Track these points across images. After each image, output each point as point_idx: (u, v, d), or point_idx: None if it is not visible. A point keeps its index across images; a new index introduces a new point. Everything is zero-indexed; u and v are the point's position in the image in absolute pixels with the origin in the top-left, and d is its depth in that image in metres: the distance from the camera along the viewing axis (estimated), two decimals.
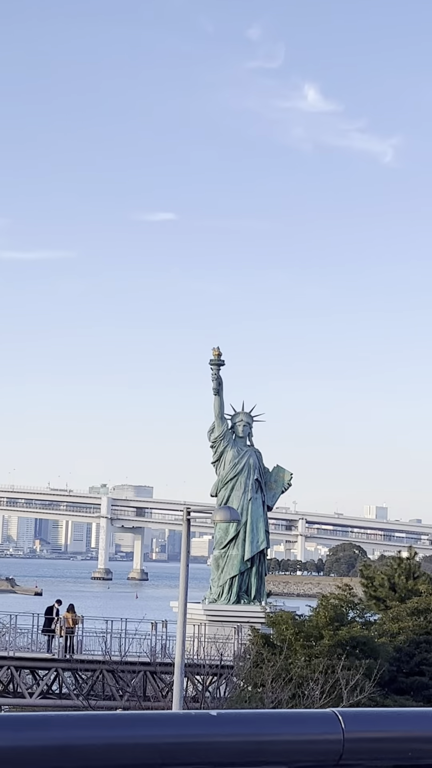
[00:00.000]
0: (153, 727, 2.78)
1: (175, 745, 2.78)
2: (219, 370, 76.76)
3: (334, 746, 2.79)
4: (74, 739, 2.63)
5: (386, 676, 56.46)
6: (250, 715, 2.93)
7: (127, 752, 2.68)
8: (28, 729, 2.59)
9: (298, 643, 56.61)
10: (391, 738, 3.02)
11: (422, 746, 3.15)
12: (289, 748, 2.86)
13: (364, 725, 2.91)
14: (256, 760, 3.01)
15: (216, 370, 76.73)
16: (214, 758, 2.86)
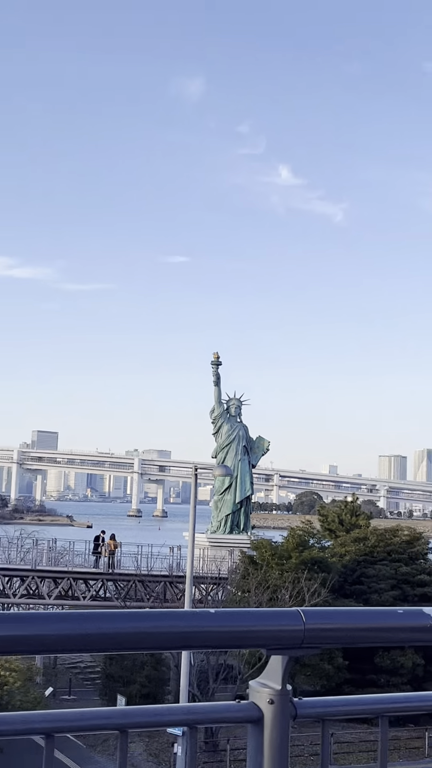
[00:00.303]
0: (171, 620, 2.91)
1: (186, 633, 2.90)
2: (217, 368, 77.02)
3: (298, 634, 2.92)
4: (117, 629, 2.75)
5: (336, 585, 56.53)
6: (238, 612, 3.03)
7: (154, 638, 2.81)
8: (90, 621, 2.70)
9: (273, 562, 56.71)
10: (337, 628, 3.15)
11: (359, 633, 3.27)
12: (267, 635, 2.99)
13: (319, 619, 3.03)
14: (243, 643, 3.14)
15: (215, 368, 77.03)
16: (214, 642, 2.99)
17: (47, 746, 2.78)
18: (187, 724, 2.99)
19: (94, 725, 2.97)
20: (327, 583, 54.66)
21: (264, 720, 2.92)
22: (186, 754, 4.80)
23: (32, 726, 2.82)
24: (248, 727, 2.96)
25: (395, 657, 53.85)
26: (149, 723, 2.96)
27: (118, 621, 2.76)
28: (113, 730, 2.87)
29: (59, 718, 2.80)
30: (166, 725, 2.99)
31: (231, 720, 3.00)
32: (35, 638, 2.59)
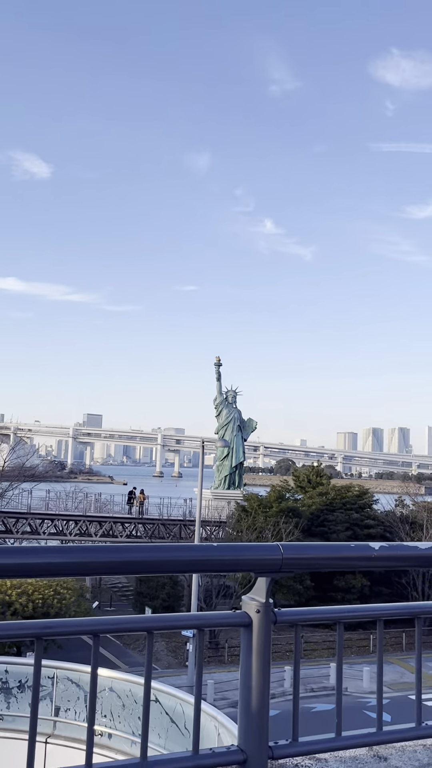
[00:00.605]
0: (184, 551, 2.91)
1: (195, 560, 2.90)
2: (219, 368, 77.03)
3: (277, 562, 2.91)
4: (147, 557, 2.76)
5: (305, 527, 56.54)
6: (234, 545, 3.02)
7: (172, 564, 2.81)
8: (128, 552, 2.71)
9: (259, 510, 56.61)
10: (306, 557, 3.15)
11: (322, 562, 3.27)
12: (255, 562, 2.98)
13: (293, 551, 3.03)
14: (237, 568, 3.12)
15: (217, 368, 77.06)
16: (216, 567, 2.99)
17: (94, 643, 2.80)
18: (196, 627, 3.00)
19: (129, 627, 2.98)
20: (299, 525, 54.70)
21: (252, 625, 2.94)
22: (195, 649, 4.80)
23: (83, 628, 2.83)
24: (241, 630, 2.98)
25: (348, 580, 53.86)
26: (169, 626, 2.98)
27: (147, 551, 2.79)
28: (142, 631, 2.88)
29: (103, 623, 2.82)
30: (181, 628, 2.99)
31: (228, 624, 3.02)
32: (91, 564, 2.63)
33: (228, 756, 2.90)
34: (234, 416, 76.48)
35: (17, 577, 2.55)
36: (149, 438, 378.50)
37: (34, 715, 2.70)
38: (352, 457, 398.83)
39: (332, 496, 62.21)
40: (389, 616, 3.50)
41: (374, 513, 63.21)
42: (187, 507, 66.98)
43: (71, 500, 66.49)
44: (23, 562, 2.52)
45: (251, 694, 2.89)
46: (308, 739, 3.13)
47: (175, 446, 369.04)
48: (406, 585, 53.44)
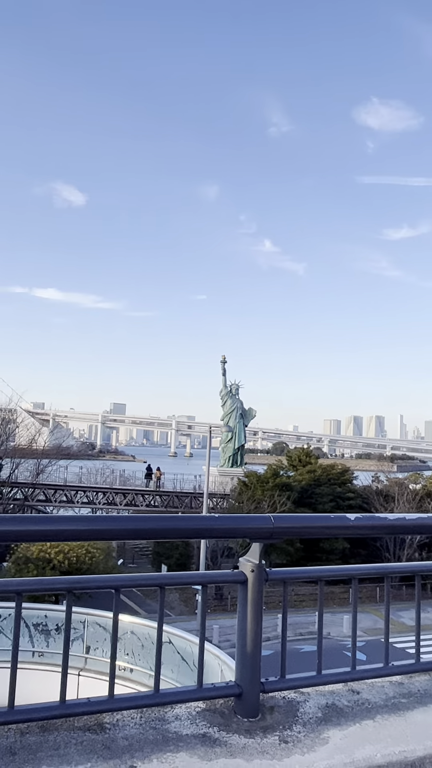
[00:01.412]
0: (192, 521, 2.93)
1: (201, 529, 2.93)
2: (224, 365, 76.78)
3: (268, 530, 2.93)
4: (163, 525, 2.78)
5: (296, 500, 56.39)
6: (233, 516, 3.04)
7: (183, 531, 2.84)
8: (149, 521, 2.74)
9: (258, 485, 56.53)
10: (292, 525, 3.17)
11: (306, 530, 3.29)
12: (250, 530, 3.00)
13: (281, 521, 3.05)
14: (235, 535, 3.14)
15: (223, 365, 76.84)
16: (217, 535, 3.02)
17: (115, 597, 2.83)
18: (202, 584, 3.04)
19: (144, 584, 3.02)
20: (290, 498, 54.62)
21: (248, 582, 2.97)
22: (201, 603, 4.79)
23: (106, 583, 2.87)
24: (238, 586, 3.01)
25: (332, 543, 53.78)
26: (177, 583, 3.01)
27: (162, 521, 2.82)
28: (155, 587, 2.91)
29: (122, 579, 2.85)
30: (189, 584, 3.02)
31: (228, 581, 3.04)
32: (117, 530, 2.68)
33: (227, 689, 2.94)
34: (237, 406, 76.36)
35: (56, 541, 2.59)
36: (165, 424, 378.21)
37: (66, 654, 2.75)
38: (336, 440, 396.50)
39: (319, 474, 62.08)
40: (363, 575, 3.52)
41: (354, 487, 63.08)
42: (197, 482, 66.98)
43: (100, 475, 66.60)
44: (60, 528, 2.56)
45: (246, 639, 2.93)
46: (294, 676, 3.17)
47: (187, 431, 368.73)
48: (380, 547, 53.41)
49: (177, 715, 2.85)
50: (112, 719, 2.75)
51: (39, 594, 13.49)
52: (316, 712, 3.04)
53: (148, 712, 2.83)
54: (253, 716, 2.90)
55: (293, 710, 3.04)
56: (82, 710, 2.69)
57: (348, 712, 3.06)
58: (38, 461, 59.65)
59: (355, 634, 3.42)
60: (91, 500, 60.77)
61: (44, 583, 2.88)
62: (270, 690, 3.06)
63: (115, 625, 2.84)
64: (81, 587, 2.78)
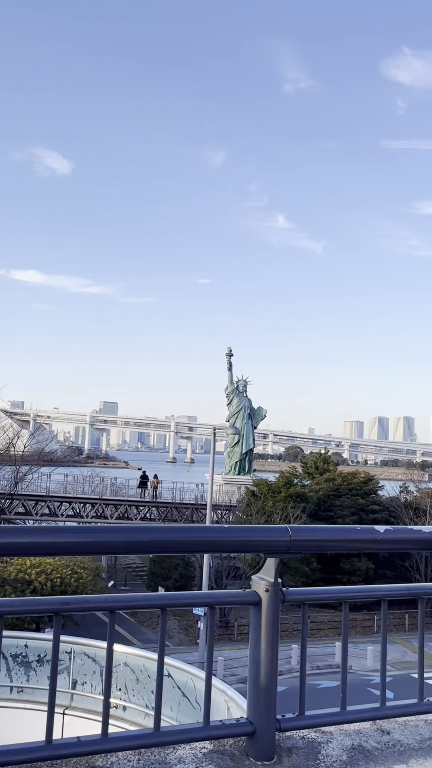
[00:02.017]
0: (196, 532, 2.92)
1: (207, 541, 2.92)
2: (230, 359, 76.92)
3: (286, 543, 2.92)
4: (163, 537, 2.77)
5: (312, 512, 56.40)
6: (245, 526, 3.02)
7: (187, 544, 2.82)
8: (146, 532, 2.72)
9: (269, 495, 56.53)
10: (312, 539, 3.15)
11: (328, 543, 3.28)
12: (264, 543, 2.99)
13: (300, 533, 3.03)
14: (247, 549, 3.14)
15: (228, 358, 76.94)
16: (228, 548, 3.00)
17: (110, 619, 2.82)
18: (209, 605, 3.02)
19: (143, 604, 3.00)
20: (306, 510, 54.67)
21: (262, 603, 2.95)
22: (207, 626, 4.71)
23: (100, 604, 2.86)
24: (251, 608, 2.99)
25: (354, 563, 53.88)
26: (182, 603, 3.00)
27: (163, 532, 2.81)
28: (156, 608, 2.90)
29: (119, 599, 2.84)
30: (194, 605, 3.01)
31: (239, 603, 3.03)
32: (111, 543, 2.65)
33: (237, 727, 2.93)
34: (244, 404, 76.46)
35: (40, 555, 2.57)
36: (163, 425, 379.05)
37: (52, 687, 2.74)
38: (358, 444, 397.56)
39: (339, 482, 62.05)
40: (393, 596, 3.50)
41: (379, 499, 63.05)
42: (199, 491, 67.06)
43: (88, 484, 66.75)
44: (45, 541, 2.54)
45: (260, 669, 2.91)
46: (314, 713, 3.16)
47: (188, 433, 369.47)
48: (409, 568, 53.39)
49: (180, 757, 2.83)
50: (106, 762, 2.73)
51: (18, 619, 13.53)
52: (341, 754, 3.02)
53: (147, 754, 2.82)
54: (268, 759, 2.88)
55: (314, 752, 3.02)
56: (71, 751, 2.68)
57: (377, 755, 3.04)
58: (17, 468, 59.82)
59: (384, 665, 3.41)
60: (78, 513, 60.89)
61: (28, 604, 2.87)
62: (287, 728, 3.05)
63: (110, 652, 2.83)
64: (71, 609, 2.76)
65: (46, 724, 2.70)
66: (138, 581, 58.13)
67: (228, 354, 77.00)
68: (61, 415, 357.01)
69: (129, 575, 59.62)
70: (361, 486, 62.14)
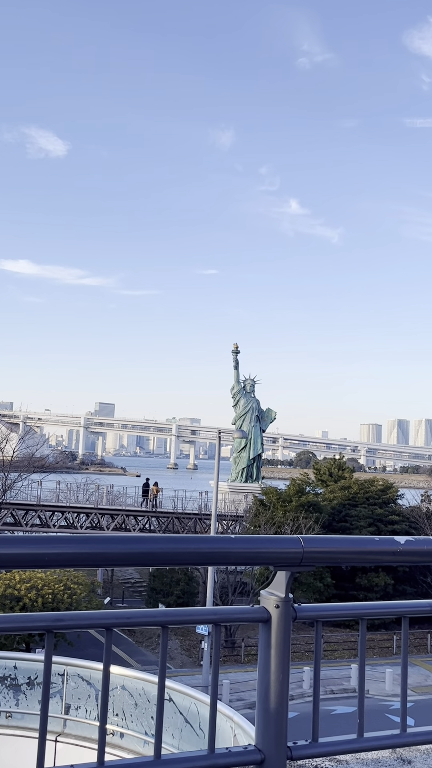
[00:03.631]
0: (200, 542, 2.92)
1: (213, 553, 2.91)
2: (236, 356, 76.93)
3: (298, 555, 2.91)
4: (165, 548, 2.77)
5: (326, 523, 56.44)
6: (253, 537, 3.02)
7: (191, 556, 2.82)
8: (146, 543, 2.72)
9: (278, 504, 56.52)
10: (327, 550, 3.15)
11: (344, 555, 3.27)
12: (275, 555, 2.99)
13: (314, 544, 3.03)
14: (256, 561, 3.14)
15: (235, 356, 76.93)
16: (235, 560, 3.00)
17: (107, 637, 2.81)
18: (214, 622, 3.01)
19: (143, 621, 3.00)
20: (319, 521, 54.68)
21: (272, 620, 2.94)
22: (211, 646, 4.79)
23: (95, 621, 2.85)
24: (260, 625, 2.98)
25: (371, 578, 53.86)
26: (185, 621, 2.99)
27: (165, 542, 2.80)
28: (157, 625, 2.89)
29: (116, 616, 2.83)
30: (198, 623, 3.00)
31: (247, 620, 3.02)
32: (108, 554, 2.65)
33: (245, 756, 2.92)
34: (252, 406, 76.47)
35: (30, 568, 2.57)
36: (163, 428, 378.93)
37: (44, 712, 2.73)
38: (376, 449, 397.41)
39: (355, 491, 62.00)
40: (415, 613, 3.49)
41: (399, 508, 62.98)
42: (203, 500, 67.11)
43: (82, 492, 66.87)
44: (36, 552, 2.53)
45: (270, 692, 2.90)
46: (329, 740, 3.15)
47: (191, 437, 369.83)
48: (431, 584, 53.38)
49: None
50: None
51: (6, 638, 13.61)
52: None
53: None
54: None
55: None
56: None
57: None
58: (5, 475, 59.97)
59: (405, 687, 3.40)
60: (72, 523, 61.02)
61: (18, 621, 2.86)
62: (299, 757, 3.04)
63: (107, 672, 2.82)
64: (65, 626, 2.76)
65: (37, 752, 2.70)
66: (137, 598, 58.24)
67: (234, 351, 76.95)
68: (54, 418, 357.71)
69: (127, 591, 59.73)
70: (379, 494, 62.07)
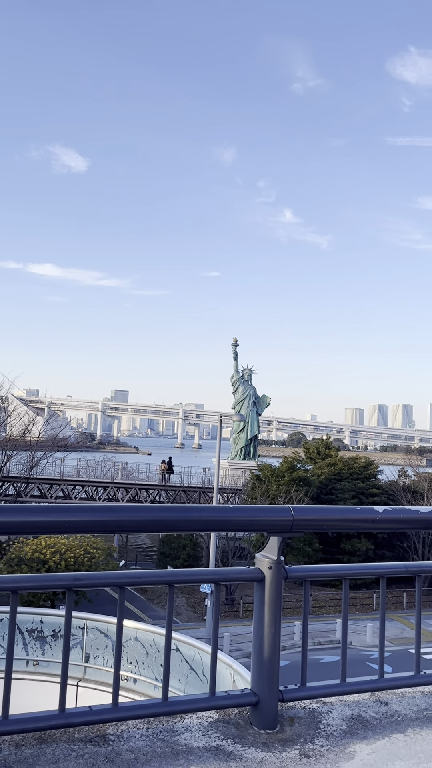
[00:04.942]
0: (203, 511, 2.92)
1: (214, 520, 2.91)
2: (235, 348, 76.73)
3: (288, 522, 2.91)
4: (169, 516, 2.77)
5: (314, 496, 56.38)
6: (249, 507, 3.01)
7: (195, 522, 2.82)
8: (144, 511, 2.72)
9: (272, 479, 56.56)
10: (314, 518, 3.15)
11: (329, 523, 3.27)
12: (268, 523, 2.98)
13: (302, 513, 3.03)
14: (251, 528, 3.13)
15: (234, 348, 76.78)
16: (232, 527, 3.00)
17: (120, 595, 2.82)
18: (215, 581, 3.02)
19: (152, 581, 3.00)
20: (308, 494, 54.69)
21: (265, 580, 2.95)
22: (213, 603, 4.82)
23: (110, 580, 2.86)
24: (255, 584, 2.99)
25: (354, 543, 53.98)
26: (189, 580, 2.99)
27: (172, 511, 2.81)
28: (165, 584, 2.90)
29: (128, 576, 2.84)
30: (201, 582, 3.01)
31: (243, 579, 3.03)
32: (123, 521, 2.66)
33: (242, 698, 2.93)
34: (249, 393, 76.38)
35: (54, 533, 2.58)
36: (171, 412, 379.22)
37: (65, 660, 2.75)
38: (359, 431, 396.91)
39: (340, 467, 62.02)
40: (392, 574, 3.49)
41: (379, 482, 63.00)
42: (206, 476, 67.11)
43: (100, 468, 66.92)
44: (59, 519, 2.54)
45: (263, 642, 2.92)
46: (315, 684, 3.17)
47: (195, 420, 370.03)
48: (407, 549, 53.47)
49: (187, 725, 2.84)
50: (116, 730, 2.75)
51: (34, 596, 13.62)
52: (341, 724, 3.03)
53: (155, 723, 2.83)
54: (270, 728, 2.89)
55: (315, 721, 3.03)
56: (83, 720, 2.69)
57: (376, 725, 3.05)
58: (32, 453, 59.99)
59: (383, 639, 3.41)
60: (90, 496, 61.08)
61: (42, 580, 2.88)
62: (289, 699, 3.05)
63: (120, 625, 2.83)
64: (83, 584, 2.77)
65: (60, 694, 2.72)
66: (148, 561, 58.41)
67: (234, 344, 76.81)
68: (75, 403, 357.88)
69: (139, 555, 59.91)
70: (362, 470, 62.11)
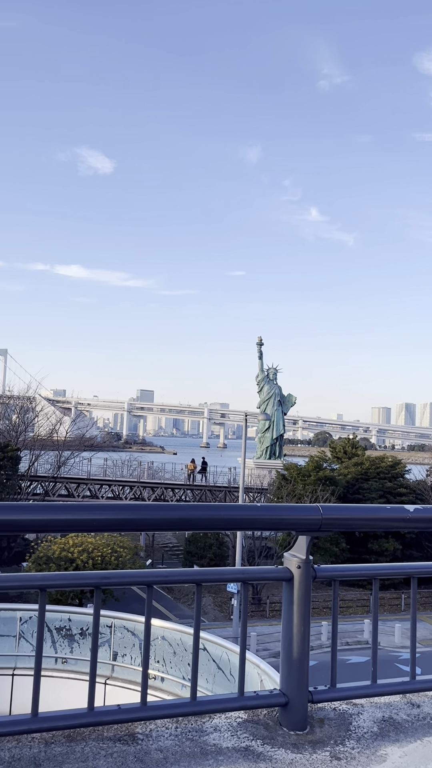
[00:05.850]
0: (230, 510, 2.90)
1: (241, 519, 2.89)
2: (260, 348, 76.61)
3: (317, 521, 2.87)
4: (196, 515, 2.75)
5: (341, 495, 56.06)
6: (278, 505, 2.99)
7: (223, 521, 2.80)
8: (170, 509, 2.71)
9: (299, 478, 56.36)
10: (343, 517, 3.11)
11: (358, 522, 3.23)
12: (297, 521, 2.95)
13: (331, 511, 2.99)
14: (280, 527, 3.10)
15: (259, 347, 76.63)
16: (260, 526, 2.97)
17: (148, 593, 2.81)
18: (243, 580, 3.00)
19: (179, 579, 2.99)
20: (335, 493, 54.40)
21: (294, 579, 2.92)
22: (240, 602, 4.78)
23: (138, 579, 2.85)
24: (283, 584, 2.97)
25: (382, 543, 53.54)
26: (216, 579, 2.98)
27: (200, 510, 2.80)
28: (192, 583, 2.89)
29: (156, 574, 2.83)
30: (228, 581, 2.99)
31: (272, 578, 3.00)
32: (152, 520, 2.66)
33: (271, 698, 2.91)
34: (275, 392, 76.22)
35: (82, 531, 2.58)
36: (197, 412, 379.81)
37: (94, 659, 2.74)
38: (386, 430, 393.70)
39: (367, 466, 61.56)
40: (423, 574, 3.44)
41: (406, 482, 62.39)
42: (232, 475, 67.08)
43: (126, 468, 67.24)
44: (86, 518, 2.54)
45: (292, 642, 2.89)
46: (346, 686, 3.13)
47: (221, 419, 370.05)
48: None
49: (216, 725, 2.83)
50: (145, 729, 2.74)
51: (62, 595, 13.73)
52: (372, 726, 2.99)
53: (184, 722, 2.82)
54: (300, 729, 2.86)
55: (345, 723, 2.99)
56: (112, 718, 2.69)
57: (408, 727, 3.00)
58: (59, 453, 60.56)
59: (414, 640, 3.36)
60: (117, 495, 61.45)
61: (70, 578, 2.88)
62: (319, 700, 3.02)
63: (148, 624, 2.82)
64: (111, 582, 2.76)
65: (88, 692, 2.72)
66: (174, 560, 58.55)
67: (258, 343, 76.72)
68: (101, 403, 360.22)
69: (166, 554, 60.10)
70: (389, 470, 61.57)
